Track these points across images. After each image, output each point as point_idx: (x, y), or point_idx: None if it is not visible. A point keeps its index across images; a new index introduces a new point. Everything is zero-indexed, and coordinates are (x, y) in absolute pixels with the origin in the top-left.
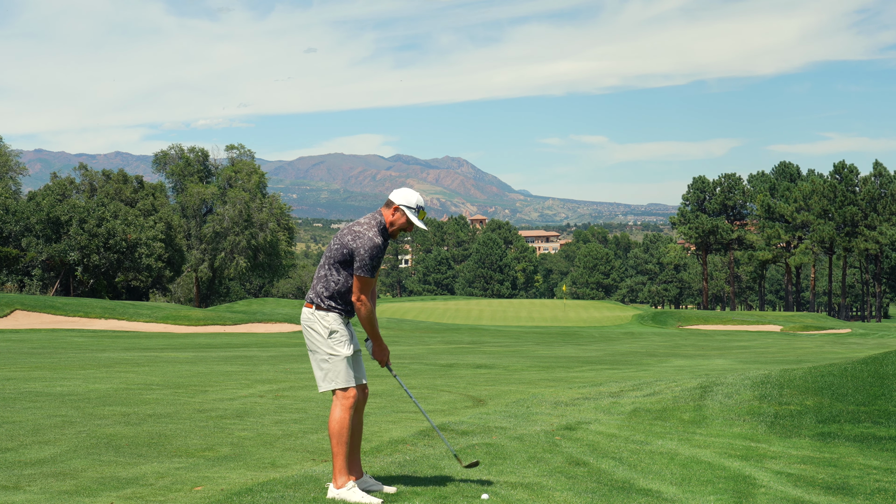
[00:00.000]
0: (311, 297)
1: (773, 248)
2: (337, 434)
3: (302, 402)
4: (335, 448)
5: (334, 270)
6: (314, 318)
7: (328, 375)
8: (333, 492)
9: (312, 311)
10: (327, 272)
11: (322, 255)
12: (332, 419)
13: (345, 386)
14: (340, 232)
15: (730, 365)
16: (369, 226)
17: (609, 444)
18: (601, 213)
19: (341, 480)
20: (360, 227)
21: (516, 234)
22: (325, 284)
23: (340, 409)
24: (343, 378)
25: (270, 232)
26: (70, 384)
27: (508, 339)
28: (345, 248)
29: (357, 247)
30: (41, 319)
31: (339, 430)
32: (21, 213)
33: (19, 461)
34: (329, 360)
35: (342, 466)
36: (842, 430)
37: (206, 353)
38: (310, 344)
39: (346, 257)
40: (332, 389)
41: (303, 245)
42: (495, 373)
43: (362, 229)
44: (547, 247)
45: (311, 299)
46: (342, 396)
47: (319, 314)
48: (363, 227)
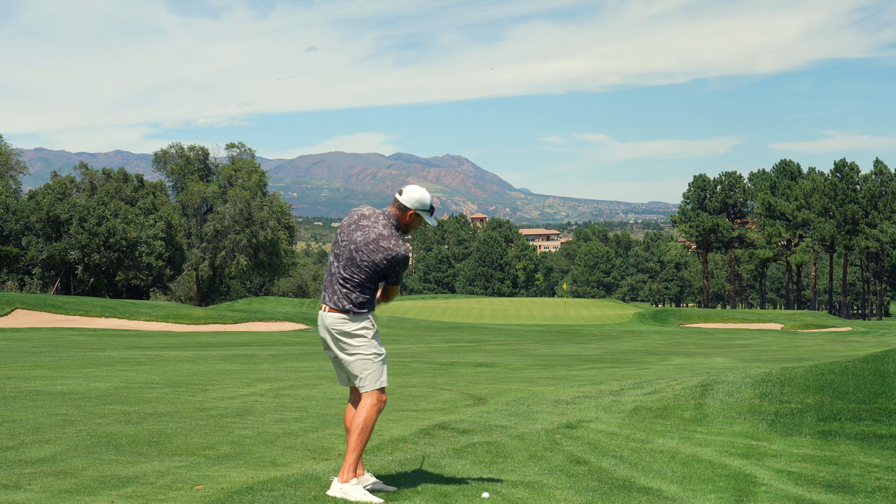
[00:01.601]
0: (340, 304)
1: (774, 246)
2: (361, 430)
3: (302, 400)
4: (354, 443)
5: (368, 281)
6: (350, 322)
7: (373, 375)
8: (337, 485)
9: (345, 317)
10: (361, 282)
11: (333, 253)
12: (361, 415)
13: (384, 385)
14: (364, 242)
15: (730, 363)
16: (395, 239)
17: (610, 443)
18: (602, 212)
19: (348, 475)
20: (387, 243)
21: (517, 233)
22: (358, 292)
23: (372, 408)
24: (385, 377)
25: (271, 230)
26: (70, 383)
27: (509, 338)
28: (378, 267)
29: (394, 265)
30: (42, 318)
31: (365, 427)
32: (21, 211)
33: (20, 460)
34: (374, 359)
35: (354, 462)
36: (843, 428)
37: (207, 352)
38: (346, 348)
39: (379, 274)
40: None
41: (303, 244)
42: (496, 371)
43: (391, 245)
44: (547, 245)
45: (339, 305)
46: (378, 396)
47: (356, 318)
48: (390, 241)
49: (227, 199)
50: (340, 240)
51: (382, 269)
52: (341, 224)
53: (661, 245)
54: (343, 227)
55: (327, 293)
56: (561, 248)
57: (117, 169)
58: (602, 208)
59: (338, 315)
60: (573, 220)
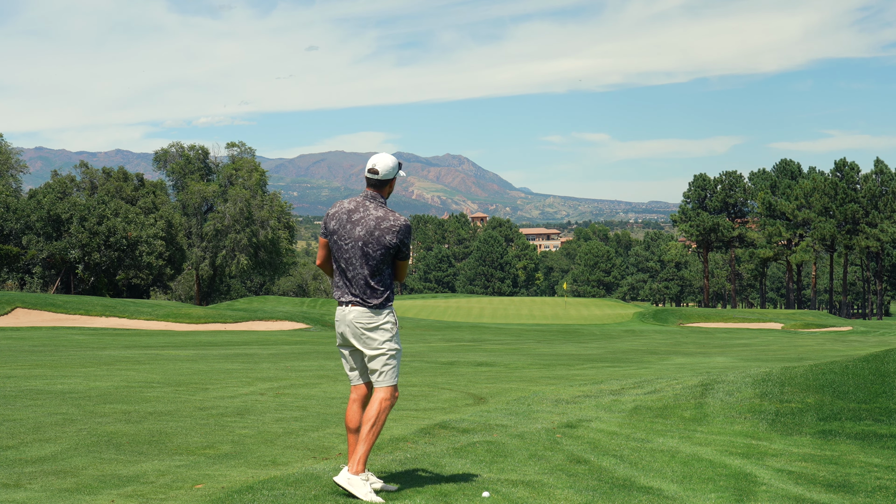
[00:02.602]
0: (363, 297)
1: (774, 245)
2: (374, 421)
3: (303, 399)
4: (367, 435)
5: (385, 267)
6: (376, 317)
7: (394, 370)
8: (346, 474)
9: (371, 311)
10: (380, 270)
11: (342, 259)
12: (374, 407)
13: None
14: (368, 233)
15: (731, 363)
16: (392, 214)
17: (610, 442)
18: (602, 211)
19: (359, 467)
20: (388, 223)
21: (517, 232)
22: (378, 282)
23: (385, 402)
24: (399, 372)
25: (271, 230)
26: (71, 382)
27: (509, 337)
28: (390, 248)
29: (403, 238)
30: (42, 317)
31: (378, 419)
32: (22, 210)
33: (20, 459)
34: (395, 355)
35: (366, 454)
36: (843, 427)
37: (207, 351)
38: (370, 342)
39: (391, 254)
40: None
41: (304, 243)
42: (496, 370)
43: (391, 222)
44: (548, 244)
45: (362, 299)
46: (393, 392)
47: (382, 312)
48: (389, 219)
49: (227, 199)
50: (343, 244)
51: (394, 248)
52: (328, 229)
53: (662, 244)
54: (336, 231)
55: (345, 291)
56: (561, 247)
57: (117, 168)
58: (602, 208)
59: (362, 310)
60: (573, 219)
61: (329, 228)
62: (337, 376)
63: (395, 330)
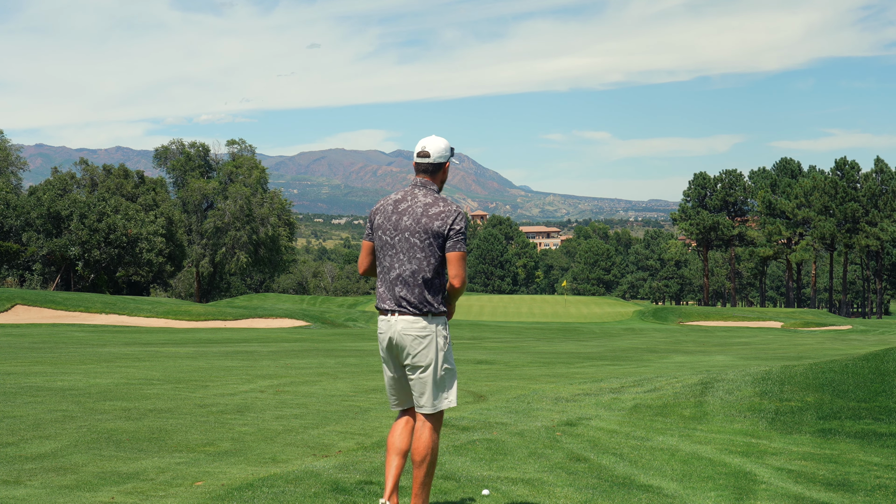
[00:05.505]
0: (416, 303)
1: (774, 244)
2: (431, 461)
3: (303, 397)
4: (426, 478)
5: (435, 262)
6: (431, 327)
7: (449, 390)
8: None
9: (425, 320)
10: (431, 267)
11: (386, 256)
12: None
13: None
14: (415, 221)
15: (730, 361)
16: (442, 201)
17: (610, 440)
18: (602, 209)
19: None
20: (436, 208)
21: (517, 230)
22: (426, 284)
23: (435, 431)
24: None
25: (271, 227)
26: (71, 379)
27: (509, 335)
28: (440, 235)
29: (454, 224)
30: (42, 314)
31: (436, 453)
32: (22, 207)
33: (20, 456)
34: (449, 372)
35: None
36: (842, 426)
37: (207, 349)
38: (422, 359)
39: (440, 244)
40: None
41: (303, 241)
42: (496, 368)
43: (440, 208)
44: (548, 243)
45: (414, 305)
46: (441, 417)
47: (436, 320)
48: (438, 205)
49: (227, 196)
50: (388, 237)
51: (442, 236)
52: (373, 225)
53: (662, 243)
54: (382, 226)
55: (390, 296)
56: (561, 245)
57: (118, 165)
58: (602, 206)
59: (412, 318)
60: (573, 217)
61: (374, 224)
62: (337, 374)
63: (449, 340)
